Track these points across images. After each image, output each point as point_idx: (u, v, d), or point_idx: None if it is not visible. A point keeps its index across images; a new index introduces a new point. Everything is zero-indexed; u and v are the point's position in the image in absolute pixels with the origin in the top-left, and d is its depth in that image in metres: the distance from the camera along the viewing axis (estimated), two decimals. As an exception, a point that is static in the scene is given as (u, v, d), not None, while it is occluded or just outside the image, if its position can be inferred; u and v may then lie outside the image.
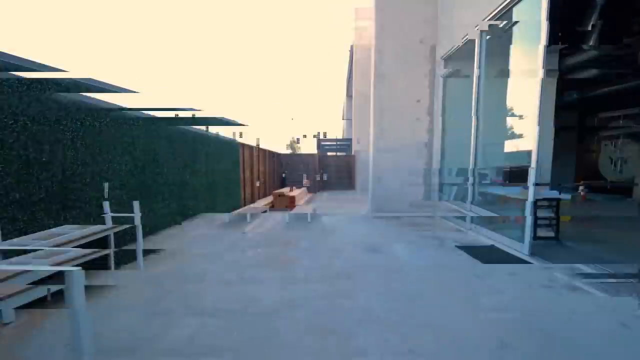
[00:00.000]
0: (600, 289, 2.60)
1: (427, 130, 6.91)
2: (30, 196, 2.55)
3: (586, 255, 3.70)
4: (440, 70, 6.64)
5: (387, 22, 6.94)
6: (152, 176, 4.16)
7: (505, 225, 4.65)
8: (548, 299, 2.51)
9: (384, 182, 7.03)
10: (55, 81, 2.79)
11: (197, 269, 3.39)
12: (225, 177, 6.81)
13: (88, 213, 3.12)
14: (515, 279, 2.99)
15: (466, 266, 3.38)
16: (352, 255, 3.84)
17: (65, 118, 2.88)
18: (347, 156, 17.18)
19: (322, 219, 6.51)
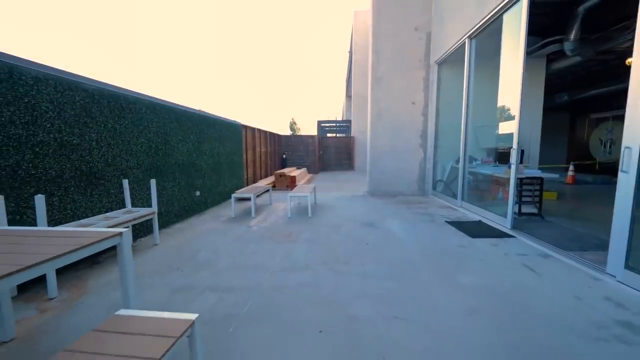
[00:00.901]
0: (574, 259, 2.98)
1: (422, 114, 7.14)
2: (63, 174, 2.86)
3: (563, 228, 4.08)
4: (433, 73, 6.83)
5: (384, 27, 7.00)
6: (163, 157, 4.45)
7: (493, 202, 5.01)
8: (521, 266, 2.89)
9: (381, 164, 7.35)
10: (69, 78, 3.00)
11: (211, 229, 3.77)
12: (229, 158, 7.08)
13: (108, 190, 3.43)
14: (496, 249, 3.37)
15: (453, 239, 3.76)
16: (350, 229, 4.21)
17: (91, 104, 3.13)
18: (347, 137, 17.38)
19: (323, 198, 6.87)
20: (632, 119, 2.32)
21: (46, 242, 1.50)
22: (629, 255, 2.37)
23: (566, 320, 1.94)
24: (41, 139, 2.63)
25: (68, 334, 1.85)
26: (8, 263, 1.20)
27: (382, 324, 1.93)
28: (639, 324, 1.88)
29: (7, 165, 2.37)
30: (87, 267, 2.93)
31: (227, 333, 1.85)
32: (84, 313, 2.11)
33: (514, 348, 1.68)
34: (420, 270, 2.78)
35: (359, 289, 2.41)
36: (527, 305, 2.14)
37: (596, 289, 2.36)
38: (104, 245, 1.58)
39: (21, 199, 2.47)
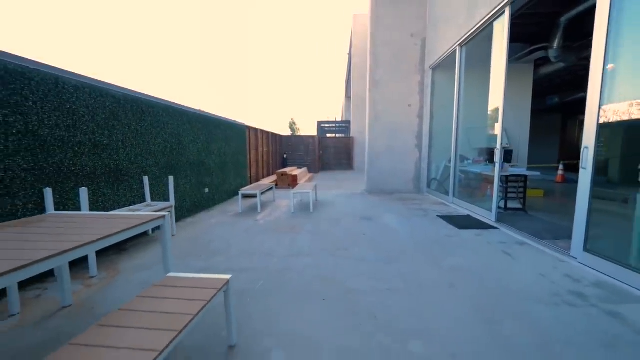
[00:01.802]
0: (546, 245, 3.37)
1: (417, 116, 7.54)
2: (96, 170, 3.24)
3: (543, 221, 4.47)
4: (428, 77, 7.23)
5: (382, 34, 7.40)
6: (177, 156, 4.83)
7: (481, 198, 5.39)
8: (500, 252, 3.29)
9: (378, 164, 7.74)
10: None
11: (222, 227, 4.15)
12: (235, 157, 7.46)
13: (131, 185, 3.81)
14: (480, 238, 3.76)
15: (443, 230, 4.15)
16: (349, 223, 4.60)
17: (118, 108, 3.52)
18: (346, 138, 17.77)
19: (323, 195, 7.27)
20: (589, 124, 2.71)
21: (110, 223, 1.89)
22: (587, 240, 2.77)
23: (529, 291, 2.33)
24: (79, 140, 3.02)
25: (114, 301, 2.24)
26: (94, 233, 1.58)
27: (375, 294, 2.32)
28: (586, 293, 2.27)
29: (54, 162, 2.76)
30: (116, 254, 3.31)
31: (245, 302, 2.23)
32: (122, 287, 2.49)
33: (482, 310, 2.07)
34: (411, 255, 3.17)
35: (356, 270, 2.80)
36: (499, 281, 2.53)
37: (559, 268, 2.75)
38: (151, 225, 1.97)
39: (64, 191, 2.85)
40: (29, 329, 1.90)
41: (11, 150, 2.41)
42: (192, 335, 1.80)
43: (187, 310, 1.34)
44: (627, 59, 2.51)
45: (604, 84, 2.59)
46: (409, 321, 1.96)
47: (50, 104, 2.72)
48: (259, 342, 1.75)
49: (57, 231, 1.73)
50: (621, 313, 1.98)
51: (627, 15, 2.49)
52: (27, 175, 2.53)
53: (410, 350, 1.67)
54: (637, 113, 2.41)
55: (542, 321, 1.92)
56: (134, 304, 1.42)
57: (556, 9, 5.48)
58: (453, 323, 1.93)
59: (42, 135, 2.66)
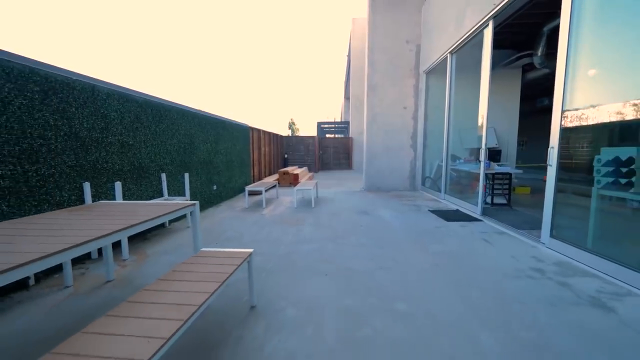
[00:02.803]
0: (522, 234, 3.80)
1: (412, 118, 7.98)
2: (123, 168, 3.65)
3: (524, 214, 4.90)
4: (422, 81, 7.66)
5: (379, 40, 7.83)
6: (189, 155, 5.24)
7: (469, 195, 5.83)
8: (480, 240, 3.72)
9: (376, 163, 8.17)
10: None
11: (236, 219, 4.57)
12: (239, 157, 7.87)
13: (151, 181, 4.22)
14: (464, 228, 4.19)
15: (432, 222, 4.58)
16: (348, 216, 5.03)
17: (140, 112, 3.93)
18: (345, 138, 18.19)
19: (323, 193, 7.69)
20: (554, 127, 3.14)
21: (150, 209, 2.30)
22: (553, 228, 3.20)
23: (499, 269, 2.76)
24: (110, 141, 3.43)
25: (151, 276, 2.65)
26: (142, 215, 2.00)
27: (370, 272, 2.74)
28: (545, 269, 2.70)
29: (91, 160, 3.17)
30: (140, 242, 3.73)
31: (261, 277, 2.65)
32: (154, 266, 2.91)
33: (457, 283, 2.49)
34: (402, 242, 3.59)
35: (353, 253, 3.23)
36: (476, 261, 2.96)
37: (529, 252, 3.18)
38: (184, 212, 2.38)
39: (99, 185, 3.27)
40: (84, 297, 2.32)
41: (59, 149, 2.82)
42: (219, 300, 2.22)
43: (225, 271, 1.76)
44: (585, 70, 2.95)
45: (565, 92, 3.02)
46: (396, 289, 2.38)
47: (88, 110, 3.13)
48: (274, 304, 2.17)
49: (109, 214, 2.14)
50: (569, 283, 2.42)
51: (584, 32, 2.92)
52: (71, 171, 2.94)
53: (396, 309, 2.10)
54: (593, 117, 2.84)
55: (504, 289, 2.35)
56: (181, 266, 1.84)
57: (539, 19, 5.92)
58: (431, 291, 2.36)
59: (82, 137, 3.07)
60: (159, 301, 1.45)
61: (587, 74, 2.93)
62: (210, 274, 1.73)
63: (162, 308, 1.38)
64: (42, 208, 2.65)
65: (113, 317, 1.31)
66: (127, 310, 1.37)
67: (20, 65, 2.49)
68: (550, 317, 1.96)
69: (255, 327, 1.90)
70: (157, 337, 1.16)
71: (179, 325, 1.24)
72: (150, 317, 1.30)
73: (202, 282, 1.64)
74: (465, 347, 1.68)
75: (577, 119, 2.96)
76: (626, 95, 2.59)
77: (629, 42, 2.64)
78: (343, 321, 1.96)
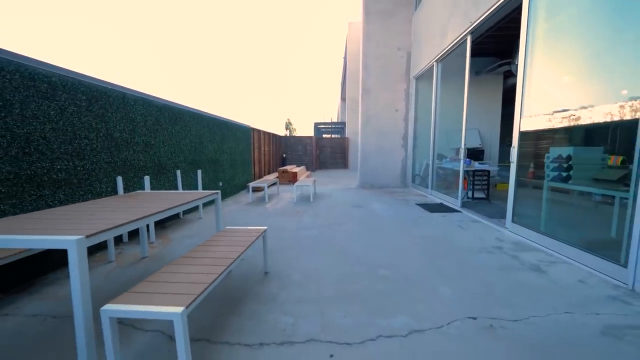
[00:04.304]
0: (492, 222, 4.40)
1: (403, 120, 8.58)
2: (146, 165, 4.18)
3: (499, 207, 5.51)
4: (412, 86, 8.27)
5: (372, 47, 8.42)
6: (199, 154, 5.77)
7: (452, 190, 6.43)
8: (456, 226, 4.31)
9: (369, 162, 8.76)
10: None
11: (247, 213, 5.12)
12: (242, 156, 8.41)
13: (168, 177, 4.75)
14: (444, 218, 4.78)
15: (417, 213, 5.16)
16: (343, 209, 5.60)
17: (160, 115, 4.47)
18: (341, 138, 18.78)
19: (321, 189, 8.26)
20: (515, 130, 3.74)
21: (181, 196, 2.84)
22: (514, 214, 3.80)
23: (467, 247, 3.34)
24: (136, 141, 3.96)
25: (177, 254, 3.19)
26: (176, 199, 2.54)
27: (361, 250, 3.31)
28: (503, 247, 3.30)
29: (121, 157, 3.70)
30: (160, 230, 4.26)
31: (271, 255, 3.20)
32: (178, 247, 3.45)
33: (432, 256, 3.07)
34: (389, 229, 4.17)
35: (347, 237, 3.79)
36: (449, 242, 3.54)
37: (494, 235, 3.78)
38: (209, 199, 2.92)
39: (127, 179, 3.79)
40: (126, 268, 2.86)
41: (99, 148, 3.35)
42: (239, 269, 2.77)
43: (247, 239, 2.31)
44: (537, 82, 3.54)
45: (522, 101, 3.62)
46: (381, 261, 2.95)
47: (120, 114, 3.66)
48: (283, 271, 2.73)
49: (150, 200, 2.68)
50: (519, 256, 3.01)
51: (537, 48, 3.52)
52: (107, 167, 3.47)
53: (379, 273, 2.67)
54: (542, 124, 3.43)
55: (467, 261, 2.93)
56: (213, 238, 2.39)
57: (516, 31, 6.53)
58: (409, 261, 2.93)
59: (115, 138, 3.60)
60: (197, 263, 2.00)
61: (541, 84, 3.53)
62: (238, 241, 2.29)
63: (201, 266, 1.93)
64: (87, 197, 3.18)
65: (165, 273, 1.84)
66: (175, 268, 1.91)
67: (71, 79, 3.02)
68: (496, 277, 2.55)
69: (270, 286, 2.45)
70: (200, 283, 1.70)
71: (217, 274, 1.78)
72: (193, 273, 1.79)
73: (231, 246, 2.19)
74: (429, 296, 2.26)
75: (533, 123, 3.55)
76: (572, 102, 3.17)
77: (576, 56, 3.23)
78: (338, 281, 2.52)
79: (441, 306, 2.11)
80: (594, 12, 2.92)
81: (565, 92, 3.19)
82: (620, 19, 2.68)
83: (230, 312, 2.07)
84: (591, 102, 2.77)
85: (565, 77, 3.25)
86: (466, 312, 2.02)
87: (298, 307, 2.12)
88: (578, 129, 3.08)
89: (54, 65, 2.84)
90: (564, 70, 3.28)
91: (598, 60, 2.89)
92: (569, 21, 3.22)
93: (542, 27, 3.49)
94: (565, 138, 3.49)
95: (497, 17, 4.57)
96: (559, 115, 3.08)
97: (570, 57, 3.19)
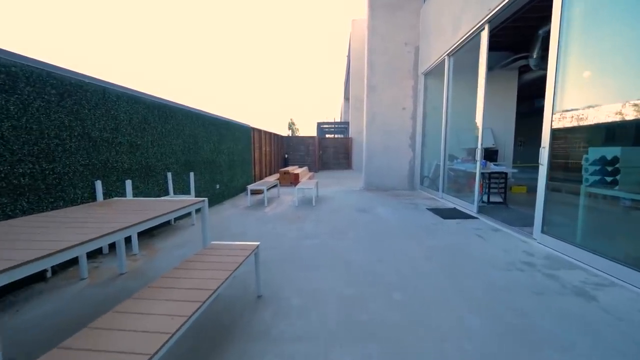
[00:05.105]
0: (515, 230, 3.95)
1: (411, 118, 8.13)
2: (132, 167, 3.80)
3: (519, 212, 5.05)
4: (420, 83, 7.82)
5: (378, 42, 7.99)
6: (193, 155, 5.39)
7: (466, 193, 5.98)
8: (475, 235, 3.87)
9: (375, 163, 8.33)
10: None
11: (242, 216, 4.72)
12: (241, 156, 8.02)
13: (158, 180, 4.36)
14: (460, 226, 4.34)
15: (429, 220, 4.72)
16: (347, 213, 5.18)
17: (148, 113, 4.08)
18: (345, 138, 18.34)
19: (323, 192, 7.84)
20: (545, 128, 3.29)
21: (162, 205, 2.45)
22: (544, 224, 3.35)
23: (491, 262, 2.91)
24: (120, 141, 3.58)
25: (161, 269, 2.80)
26: (155, 210, 2.14)
27: (369, 264, 2.89)
28: (535, 263, 2.85)
29: (101, 159, 3.31)
30: (148, 238, 3.87)
31: (267, 269, 2.79)
32: (164, 260, 3.06)
33: (451, 273, 2.64)
34: (399, 238, 3.74)
35: (353, 247, 3.37)
36: (469, 255, 3.11)
37: (520, 246, 3.34)
38: (194, 207, 2.53)
39: (109, 183, 3.41)
40: (99, 287, 2.47)
41: (73, 149, 2.97)
42: (228, 290, 2.37)
43: (234, 261, 1.91)
44: (573, 74, 3.10)
45: (555, 95, 3.17)
46: (393, 279, 2.53)
47: (99, 111, 3.28)
48: (280, 293, 2.32)
49: (125, 210, 2.29)
50: (557, 275, 2.57)
51: (573, 36, 3.07)
52: (84, 170, 3.09)
53: (393, 297, 2.25)
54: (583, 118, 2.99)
55: (494, 280, 2.50)
56: (194, 257, 1.99)
57: (535, 22, 6.07)
58: (426, 280, 2.50)
59: (94, 137, 3.22)
60: (177, 286, 1.60)
61: (577, 76, 3.08)
62: (221, 264, 1.88)
63: (181, 292, 1.53)
64: (58, 205, 2.80)
65: (137, 300, 1.45)
66: (149, 294, 1.51)
67: (38, 70, 2.63)
68: (535, 304, 2.11)
69: (263, 313, 2.04)
70: (179, 315, 1.30)
71: (197, 307, 1.39)
72: (157, 314, 1.34)
73: (214, 270, 1.78)
74: (456, 330, 1.83)
75: (567, 120, 3.11)
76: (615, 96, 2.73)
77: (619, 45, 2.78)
78: (345, 307, 2.10)
79: (473, 346, 1.68)
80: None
81: (610, 83, 2.74)
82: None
83: (212, 351, 1.67)
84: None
85: (611, 65, 2.80)
86: (507, 356, 1.60)
87: (296, 347, 1.71)
88: (623, 126, 2.63)
89: (13, 53, 2.46)
90: (610, 56, 2.83)
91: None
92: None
93: (581, 6, 3.03)
94: (600, 137, 3.04)
95: (519, 3, 4.11)
96: (607, 110, 2.63)
97: (619, 38, 2.74)
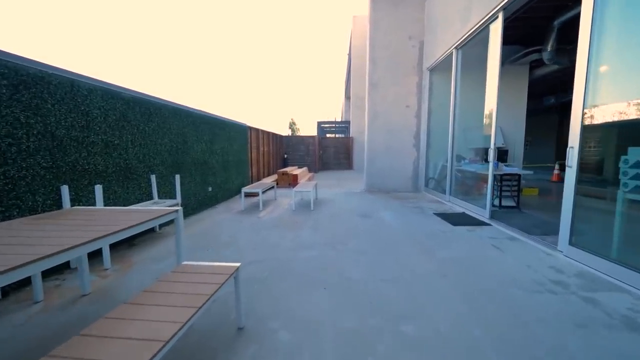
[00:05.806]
0: (535, 240, 3.54)
1: (415, 116, 7.72)
2: (107, 169, 3.41)
3: (534, 218, 4.64)
4: (425, 79, 7.40)
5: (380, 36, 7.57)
6: (182, 155, 5.00)
7: (476, 196, 5.57)
8: (490, 245, 3.46)
9: (377, 163, 7.92)
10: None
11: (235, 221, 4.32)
12: (236, 157, 7.62)
13: (139, 183, 3.97)
14: (471, 233, 3.93)
15: (437, 226, 4.32)
16: (348, 219, 4.77)
17: (127, 110, 3.69)
18: (346, 138, 17.93)
19: (323, 194, 7.44)
20: (574, 126, 2.88)
21: (127, 216, 2.06)
22: (572, 234, 2.94)
23: (514, 280, 2.50)
24: (92, 140, 3.19)
25: (131, 289, 2.41)
26: (114, 225, 1.75)
27: (373, 283, 2.49)
28: (568, 282, 2.44)
29: (69, 161, 2.92)
30: (126, 248, 3.48)
31: (253, 288, 2.40)
32: (137, 277, 2.66)
33: (469, 296, 2.24)
34: (405, 248, 3.34)
35: (354, 261, 2.97)
36: (487, 271, 2.70)
37: (545, 260, 2.93)
38: (166, 218, 2.14)
39: (79, 188, 3.02)
40: (54, 314, 2.08)
41: (32, 149, 2.57)
42: (204, 319, 1.97)
43: (204, 291, 1.51)
44: (609, 64, 2.69)
45: (587, 88, 2.76)
46: (402, 304, 2.13)
47: (66, 106, 2.89)
48: (266, 323, 1.92)
49: (78, 224, 1.90)
50: (597, 299, 2.16)
51: (609, 23, 2.66)
52: (46, 174, 2.70)
53: (402, 331, 1.85)
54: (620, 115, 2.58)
55: (521, 305, 2.10)
56: (154, 287, 1.59)
57: (549, 13, 5.65)
58: (440, 306, 2.10)
59: (59, 136, 2.83)
60: (139, 318, 1.21)
61: (613, 68, 2.67)
62: (188, 295, 1.48)
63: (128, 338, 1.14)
64: (11, 214, 2.41)
65: (88, 337, 1.07)
66: (102, 329, 1.13)
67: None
68: (578, 341, 1.71)
69: (244, 354, 1.65)
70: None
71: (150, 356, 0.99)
72: (126, 341, 1.05)
73: (175, 307, 1.39)
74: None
75: (601, 116, 2.70)
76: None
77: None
78: (344, 346, 1.70)
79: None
80: None
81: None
82: None
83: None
84: None
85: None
86: None
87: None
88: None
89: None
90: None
91: None
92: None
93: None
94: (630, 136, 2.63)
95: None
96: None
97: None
